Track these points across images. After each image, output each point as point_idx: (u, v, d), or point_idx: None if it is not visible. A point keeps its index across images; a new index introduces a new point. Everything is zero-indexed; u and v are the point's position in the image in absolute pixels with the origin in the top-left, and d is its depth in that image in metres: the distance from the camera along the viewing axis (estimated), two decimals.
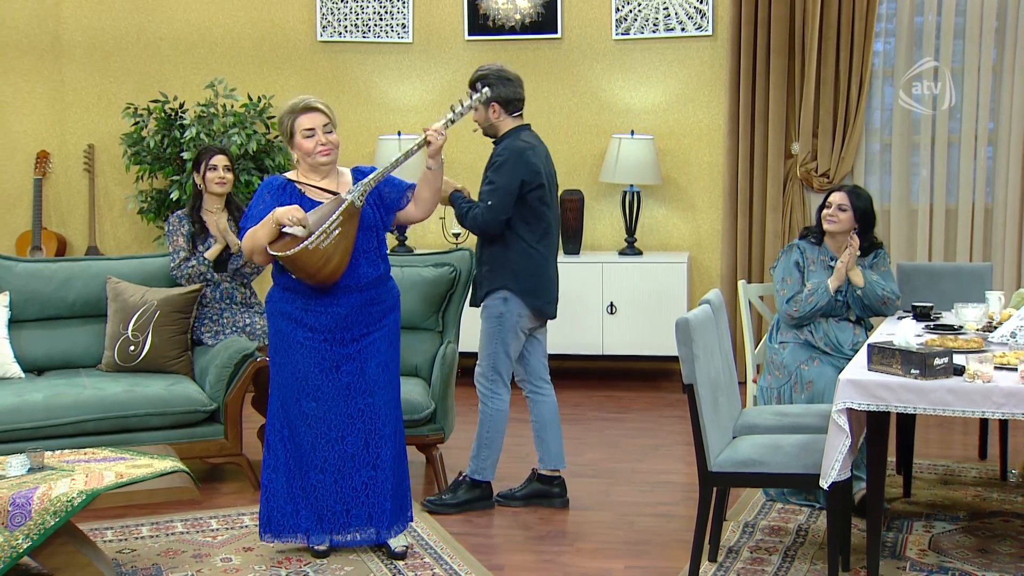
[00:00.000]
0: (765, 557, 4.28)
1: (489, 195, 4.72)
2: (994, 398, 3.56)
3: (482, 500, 4.91)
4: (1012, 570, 4.09)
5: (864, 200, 4.91)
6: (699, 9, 7.36)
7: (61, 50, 7.89)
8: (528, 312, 4.83)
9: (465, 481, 4.92)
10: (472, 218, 4.75)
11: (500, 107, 4.83)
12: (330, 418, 4.21)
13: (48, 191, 7.91)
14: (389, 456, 4.25)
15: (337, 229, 4.05)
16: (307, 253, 4.01)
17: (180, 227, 5.50)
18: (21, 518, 3.72)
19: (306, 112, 4.20)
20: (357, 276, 4.19)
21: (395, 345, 4.34)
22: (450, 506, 4.86)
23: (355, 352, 4.22)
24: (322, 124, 4.20)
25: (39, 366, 5.46)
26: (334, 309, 4.18)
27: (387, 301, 4.30)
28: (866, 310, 4.93)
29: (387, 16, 7.71)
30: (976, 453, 5.68)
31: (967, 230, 7.05)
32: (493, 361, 4.85)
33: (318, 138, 4.19)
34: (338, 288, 4.17)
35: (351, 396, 4.22)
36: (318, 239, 4.00)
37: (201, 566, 4.23)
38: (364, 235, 4.20)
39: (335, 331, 4.19)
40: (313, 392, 4.21)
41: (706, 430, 3.88)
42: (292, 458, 4.24)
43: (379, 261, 4.26)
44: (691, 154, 7.50)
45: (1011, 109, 6.91)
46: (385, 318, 4.28)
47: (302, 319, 4.20)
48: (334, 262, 4.07)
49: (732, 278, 7.26)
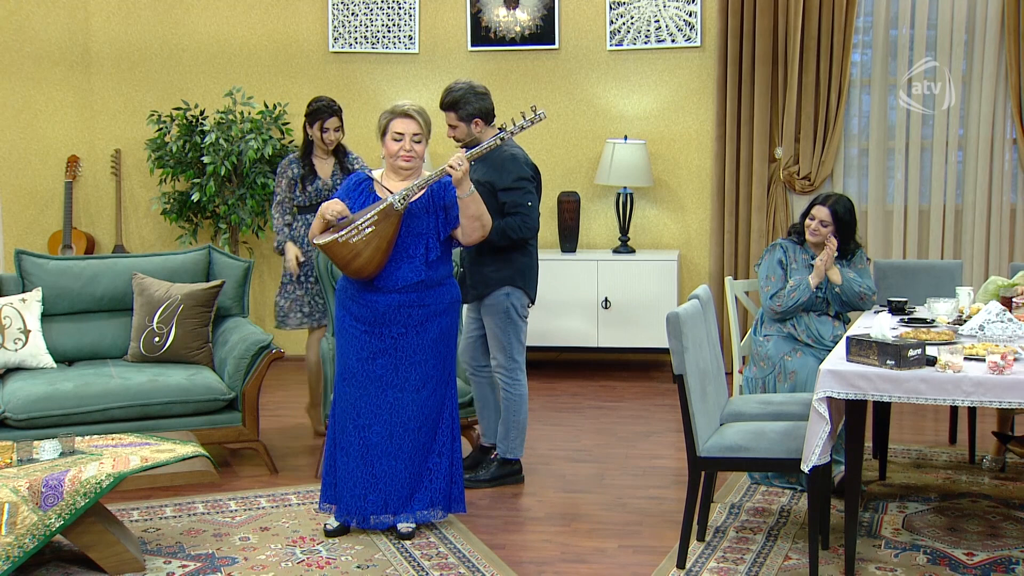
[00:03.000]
0: (750, 536, 4.28)
1: (520, 198, 4.73)
2: (964, 387, 3.56)
3: (513, 475, 5.00)
4: (979, 547, 4.09)
5: (846, 213, 4.87)
6: (688, 22, 7.35)
7: (90, 61, 7.89)
8: (527, 301, 4.91)
9: (496, 460, 4.98)
10: (517, 228, 4.73)
11: (482, 121, 4.81)
12: (360, 405, 4.21)
13: (78, 193, 7.90)
14: (409, 449, 4.22)
15: (370, 227, 4.03)
16: (337, 245, 4.03)
17: (287, 170, 5.63)
18: (54, 499, 3.73)
19: (402, 117, 4.17)
20: (395, 278, 4.15)
21: (438, 349, 4.25)
22: (484, 482, 4.94)
23: (390, 347, 4.19)
24: (412, 132, 4.16)
25: (69, 357, 5.46)
26: (373, 305, 4.17)
27: (432, 306, 4.22)
28: (844, 305, 4.93)
29: (395, 28, 7.70)
30: (947, 438, 5.68)
31: (939, 230, 7.05)
32: (510, 351, 4.88)
33: (404, 144, 4.16)
34: (375, 286, 4.15)
35: (382, 388, 4.20)
36: (348, 234, 4.01)
37: (221, 544, 4.23)
38: (412, 240, 4.15)
39: (374, 325, 4.18)
40: (350, 377, 4.22)
41: (695, 418, 3.88)
42: (331, 437, 4.31)
43: (423, 268, 4.17)
44: (681, 158, 7.49)
45: (979, 116, 6.91)
46: (428, 322, 4.21)
47: (350, 308, 4.23)
48: (363, 257, 4.05)
49: (719, 275, 7.25)
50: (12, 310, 5.21)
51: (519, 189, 4.75)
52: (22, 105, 7.83)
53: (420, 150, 4.20)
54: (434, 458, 4.28)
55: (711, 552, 4.11)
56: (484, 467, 5.01)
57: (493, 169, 4.78)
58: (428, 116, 4.26)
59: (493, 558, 4.08)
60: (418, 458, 4.25)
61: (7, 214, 7.89)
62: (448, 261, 4.31)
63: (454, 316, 4.30)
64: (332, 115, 5.56)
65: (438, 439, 4.29)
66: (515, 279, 4.83)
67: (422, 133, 4.19)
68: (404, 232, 4.14)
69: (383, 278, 4.14)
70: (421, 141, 4.19)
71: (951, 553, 4.05)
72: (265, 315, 7.92)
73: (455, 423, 4.34)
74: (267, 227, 7.61)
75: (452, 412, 4.32)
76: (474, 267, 4.86)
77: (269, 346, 5.13)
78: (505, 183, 4.74)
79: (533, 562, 4.08)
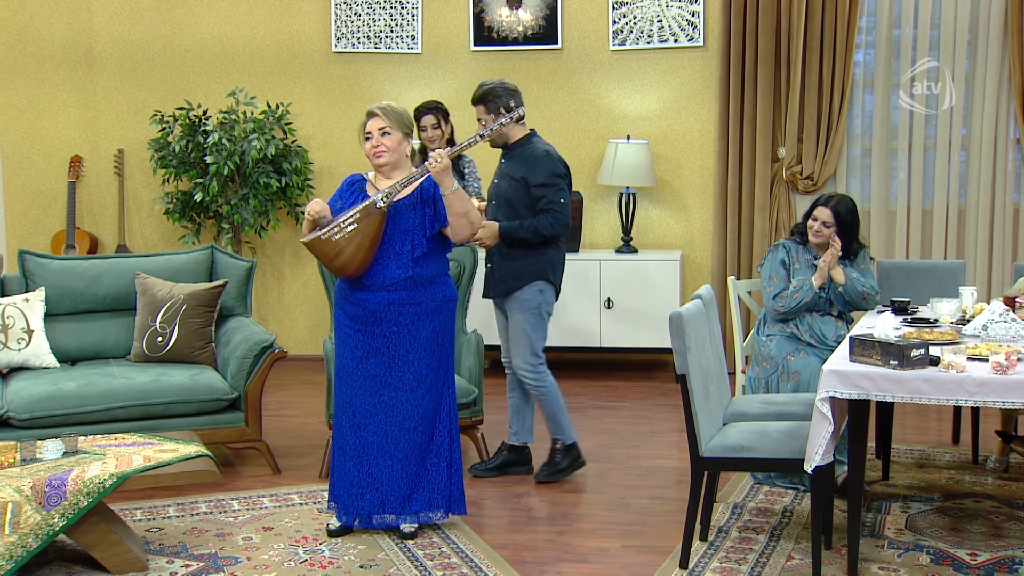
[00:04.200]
0: (753, 536, 4.28)
1: (553, 195, 4.77)
2: (967, 387, 3.55)
3: (578, 459, 5.06)
4: (982, 547, 4.09)
5: (848, 213, 4.86)
6: (691, 22, 7.34)
7: (93, 62, 7.89)
8: (554, 298, 4.97)
9: (559, 449, 5.01)
10: (549, 226, 4.78)
11: None
12: (355, 404, 4.22)
13: (81, 193, 7.91)
14: (405, 448, 4.22)
15: (352, 225, 4.06)
16: (319, 243, 4.09)
17: None
18: (57, 498, 3.73)
19: (369, 118, 4.23)
20: (383, 276, 4.16)
21: (432, 348, 4.23)
22: (559, 472, 5.00)
23: (383, 346, 4.19)
24: (378, 128, 4.20)
25: (72, 357, 5.46)
26: (363, 304, 4.19)
27: (423, 304, 4.20)
28: (848, 305, 4.92)
29: (397, 28, 7.70)
30: (950, 438, 5.67)
31: (942, 230, 7.04)
32: (535, 348, 4.90)
33: (373, 141, 4.20)
34: (364, 284, 4.18)
35: (377, 387, 4.20)
36: (330, 231, 4.07)
37: (223, 544, 4.23)
38: (398, 237, 4.16)
39: (366, 323, 4.19)
40: (346, 377, 4.24)
41: (698, 418, 3.88)
42: (333, 438, 4.34)
43: (409, 264, 4.16)
44: (684, 158, 7.49)
45: (982, 116, 6.90)
46: (420, 320, 4.20)
47: (344, 307, 4.25)
48: (346, 254, 4.08)
49: (722, 274, 7.25)
50: (15, 310, 5.21)
51: (552, 186, 4.79)
52: (25, 105, 7.84)
53: (390, 143, 4.19)
54: (431, 459, 4.27)
55: (714, 552, 4.11)
56: (546, 464, 5.02)
57: (527, 165, 4.82)
58: (399, 110, 4.26)
59: (496, 558, 4.08)
60: (415, 458, 4.24)
61: (10, 214, 7.90)
62: (440, 259, 4.28)
63: (449, 315, 4.28)
64: (425, 112, 5.66)
65: (435, 439, 4.27)
66: (547, 272, 4.88)
67: (388, 125, 4.20)
68: (391, 229, 4.16)
69: (371, 275, 4.16)
70: (389, 132, 4.20)
71: (954, 553, 4.04)
72: (268, 315, 7.92)
73: (453, 424, 4.31)
74: (269, 227, 7.62)
75: (450, 412, 4.30)
76: (505, 261, 4.88)
77: (272, 346, 5.13)
78: (539, 179, 4.79)
79: (536, 562, 4.08)
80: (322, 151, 7.83)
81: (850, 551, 3.78)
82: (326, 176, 7.80)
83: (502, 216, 4.88)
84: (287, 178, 7.50)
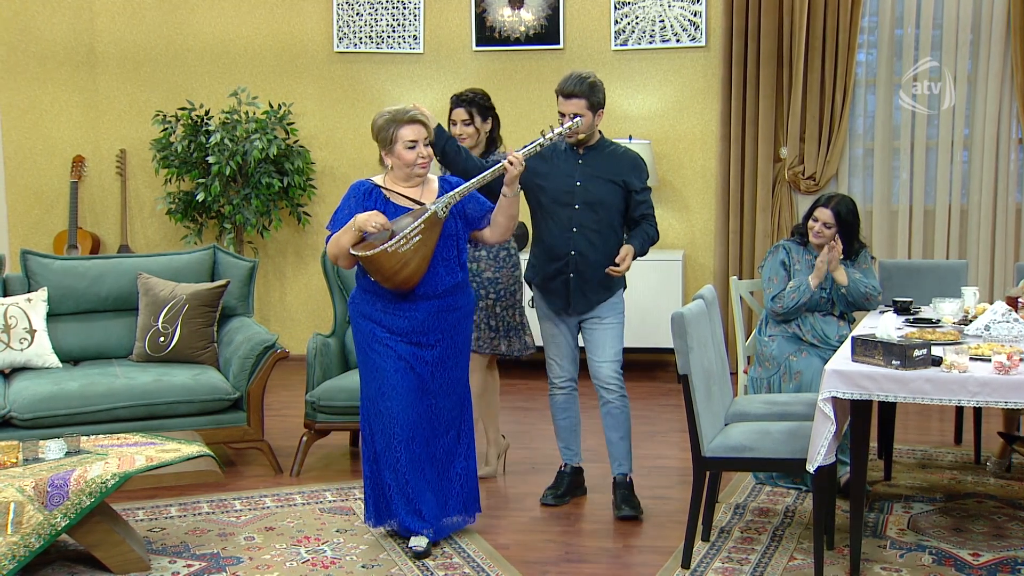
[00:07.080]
0: (755, 537, 4.27)
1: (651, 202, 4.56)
2: (969, 387, 3.55)
3: None
4: (985, 547, 4.08)
5: (848, 214, 4.85)
6: (693, 22, 7.34)
7: (95, 62, 7.90)
8: None
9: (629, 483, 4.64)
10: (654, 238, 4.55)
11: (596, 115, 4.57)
12: (402, 418, 4.05)
13: (83, 193, 7.91)
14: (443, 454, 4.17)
15: (418, 236, 3.92)
16: (385, 256, 3.89)
17: None
18: (59, 498, 3.73)
19: (411, 124, 4.01)
20: (435, 283, 4.06)
21: (465, 352, 4.21)
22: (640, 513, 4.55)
23: (429, 356, 4.09)
24: (423, 137, 4.03)
25: (75, 357, 5.47)
26: (412, 314, 4.06)
27: (463, 308, 4.17)
28: (850, 306, 4.92)
29: (399, 28, 7.70)
30: (952, 439, 5.67)
31: (944, 230, 7.04)
32: (621, 357, 4.64)
33: (419, 151, 4.02)
34: (416, 294, 4.04)
35: (421, 396, 4.08)
36: (397, 243, 3.89)
37: (226, 544, 4.24)
38: (444, 243, 4.06)
39: (413, 335, 4.07)
40: (390, 392, 4.06)
41: (700, 418, 3.88)
42: (373, 455, 4.15)
43: (457, 270, 4.11)
44: (686, 158, 7.49)
45: (984, 116, 6.90)
46: (460, 324, 4.16)
47: (383, 321, 4.07)
48: (411, 267, 3.94)
49: (724, 275, 7.25)
50: (18, 310, 5.21)
51: (650, 190, 4.60)
52: (28, 105, 7.85)
53: (430, 153, 4.10)
54: (460, 461, 4.22)
55: (716, 552, 4.11)
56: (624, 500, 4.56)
57: (628, 168, 4.54)
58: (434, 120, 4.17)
59: (498, 558, 4.08)
60: (448, 463, 4.19)
61: (13, 214, 7.90)
62: None
63: (471, 319, 4.26)
64: (457, 105, 4.89)
65: (461, 442, 4.23)
66: (624, 281, 4.65)
67: (429, 136, 4.08)
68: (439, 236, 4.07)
69: (424, 285, 4.04)
70: (429, 143, 4.08)
71: (956, 554, 4.04)
72: (270, 315, 7.93)
73: (472, 426, 4.30)
74: (271, 227, 7.62)
75: (469, 415, 4.28)
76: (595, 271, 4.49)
77: (274, 346, 5.13)
78: (640, 184, 4.54)
79: (538, 562, 4.08)
80: (324, 151, 7.83)
81: (852, 551, 3.78)
82: (328, 176, 7.81)
83: (592, 221, 4.47)
84: (289, 178, 7.51)
